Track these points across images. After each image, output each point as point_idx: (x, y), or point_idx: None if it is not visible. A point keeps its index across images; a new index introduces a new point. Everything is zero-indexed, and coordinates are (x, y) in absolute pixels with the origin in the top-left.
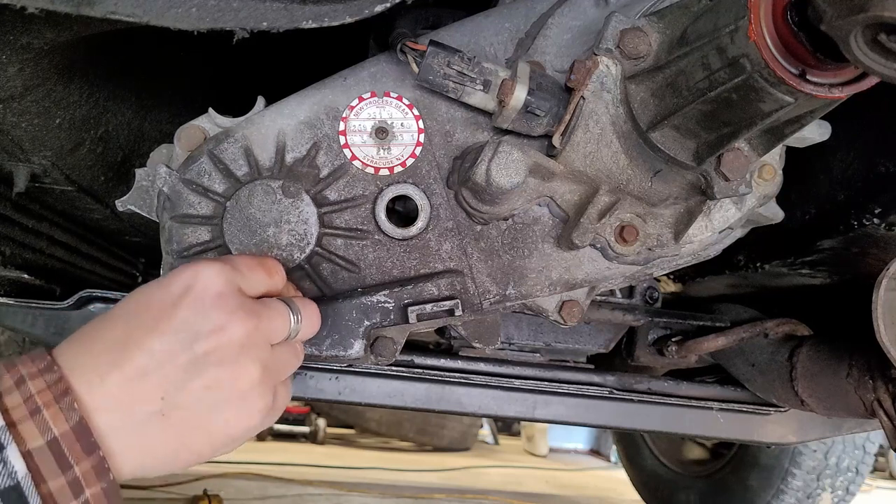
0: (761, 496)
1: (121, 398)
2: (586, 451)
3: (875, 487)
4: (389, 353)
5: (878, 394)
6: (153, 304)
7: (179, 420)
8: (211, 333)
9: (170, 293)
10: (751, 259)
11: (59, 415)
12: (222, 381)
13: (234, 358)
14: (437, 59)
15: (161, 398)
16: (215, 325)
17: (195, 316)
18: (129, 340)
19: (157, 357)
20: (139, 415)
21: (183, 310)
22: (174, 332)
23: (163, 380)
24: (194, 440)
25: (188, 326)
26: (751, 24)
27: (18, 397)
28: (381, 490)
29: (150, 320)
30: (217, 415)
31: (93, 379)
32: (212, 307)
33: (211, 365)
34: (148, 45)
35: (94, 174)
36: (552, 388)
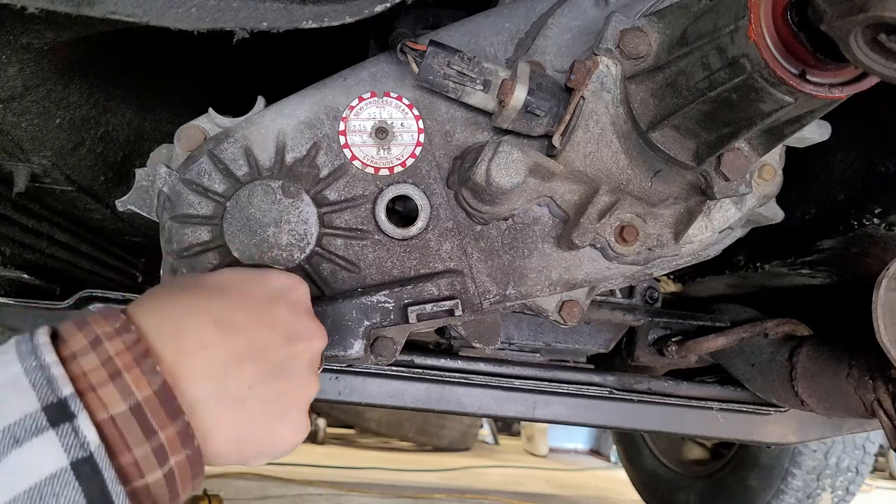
0: (761, 496)
1: (218, 373)
2: (586, 451)
3: (875, 487)
4: (389, 353)
5: (878, 394)
6: (253, 294)
7: (254, 413)
8: (303, 339)
9: (268, 291)
10: (751, 259)
11: (141, 378)
12: (297, 389)
13: (311, 369)
14: (437, 59)
15: (248, 387)
16: (308, 333)
17: (293, 319)
18: (234, 322)
19: (257, 346)
20: (226, 394)
21: (283, 309)
22: (273, 327)
23: (256, 369)
24: (259, 437)
25: (285, 326)
26: (751, 24)
27: (94, 360)
28: (381, 490)
29: (251, 309)
30: (282, 419)
31: (193, 348)
32: (306, 316)
33: (295, 369)
34: (148, 45)
35: (94, 174)
36: (552, 388)
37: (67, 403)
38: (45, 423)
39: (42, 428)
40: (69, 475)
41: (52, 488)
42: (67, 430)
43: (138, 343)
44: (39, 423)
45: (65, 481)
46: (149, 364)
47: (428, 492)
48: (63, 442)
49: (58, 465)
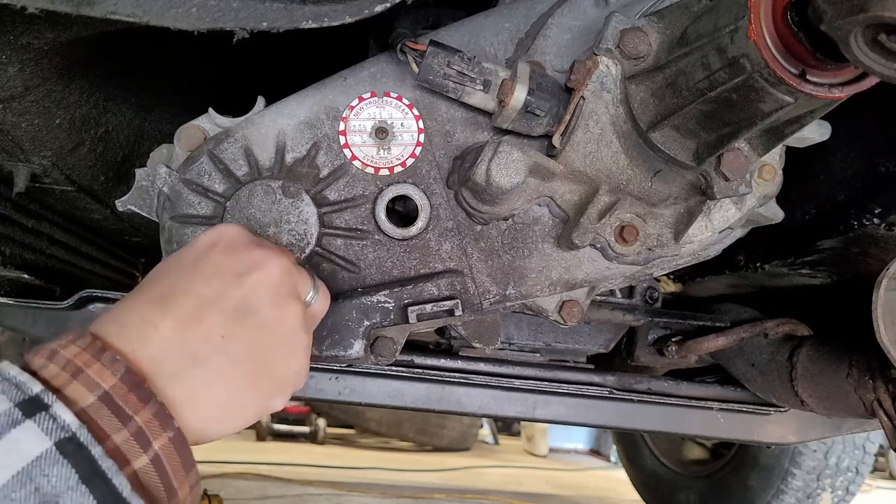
0: (761, 496)
1: (178, 342)
2: (586, 451)
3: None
4: (389, 353)
5: (878, 394)
6: (187, 260)
7: (242, 357)
8: (252, 269)
9: (197, 249)
10: (751, 259)
11: (103, 370)
12: (272, 316)
13: (277, 293)
14: (437, 59)
15: (221, 336)
16: (253, 262)
17: (230, 259)
18: (174, 290)
19: (207, 298)
20: (201, 356)
21: (217, 256)
22: (217, 274)
23: (219, 318)
24: (260, 380)
25: (227, 269)
26: (751, 24)
27: (55, 368)
28: (381, 490)
29: (189, 272)
30: (274, 353)
31: (145, 331)
32: (245, 247)
33: (259, 301)
34: (148, 45)
35: (94, 174)
36: (552, 388)
37: (39, 397)
38: (21, 416)
39: (18, 420)
40: (55, 454)
41: (41, 469)
42: (44, 417)
43: (94, 342)
44: (15, 416)
45: (52, 460)
46: (108, 356)
47: (428, 492)
48: (42, 427)
49: (42, 446)
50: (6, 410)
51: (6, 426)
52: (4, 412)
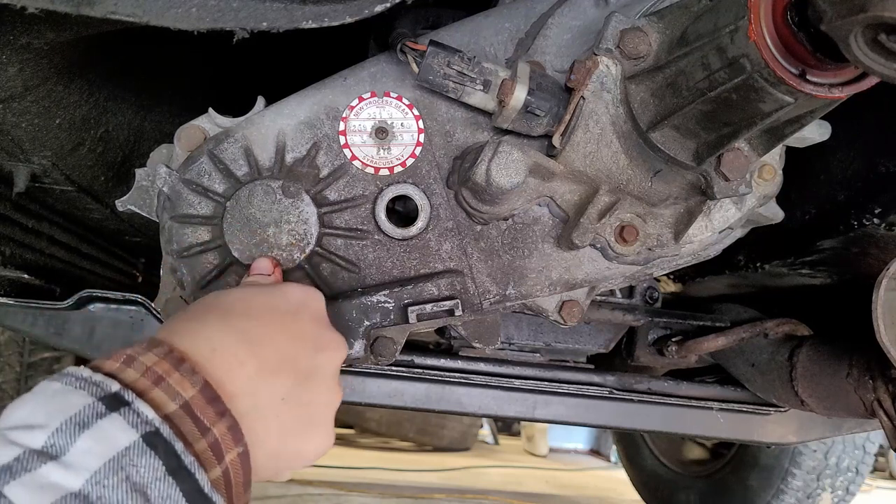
0: (761, 496)
1: (256, 387)
2: (586, 451)
3: (875, 487)
4: (389, 353)
5: (878, 394)
6: (277, 307)
7: (288, 423)
8: (328, 349)
9: (289, 303)
10: (751, 259)
11: (183, 380)
12: (325, 397)
13: (335, 379)
14: (437, 59)
15: (281, 399)
16: (330, 343)
17: (316, 329)
18: (264, 336)
19: (287, 357)
20: (263, 406)
21: (306, 322)
22: (301, 339)
23: (288, 379)
24: (292, 447)
25: (311, 337)
26: (751, 24)
27: (134, 373)
28: (381, 490)
29: (278, 322)
30: (313, 428)
31: (231, 363)
32: (327, 326)
33: (321, 379)
34: (148, 45)
35: (94, 174)
36: (552, 388)
37: (121, 394)
38: (105, 409)
39: (104, 413)
40: (143, 446)
41: (130, 459)
42: (128, 411)
43: (172, 352)
44: (100, 409)
45: (140, 451)
46: (187, 367)
47: (428, 492)
48: (128, 420)
49: (130, 438)
50: (90, 403)
51: (92, 416)
52: (88, 405)
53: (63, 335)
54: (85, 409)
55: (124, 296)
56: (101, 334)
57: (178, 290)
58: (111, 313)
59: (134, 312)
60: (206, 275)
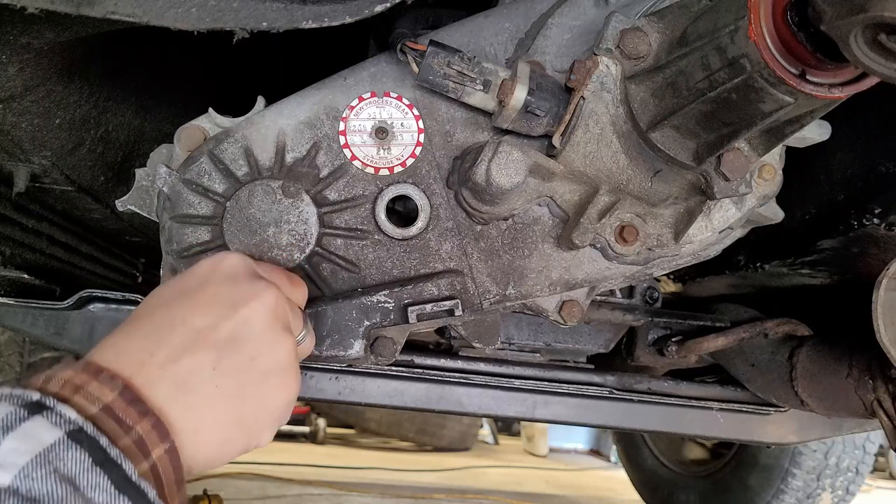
0: (761, 496)
1: (174, 372)
2: (586, 451)
3: (875, 487)
4: (389, 353)
5: (878, 394)
6: (185, 288)
7: (232, 389)
8: (247, 301)
9: (196, 277)
10: (751, 259)
11: (102, 387)
12: (264, 348)
13: (271, 326)
14: (437, 59)
15: (212, 368)
16: (249, 293)
17: (227, 289)
18: (171, 320)
19: (202, 330)
20: (193, 385)
21: (214, 286)
22: (212, 305)
23: (210, 349)
24: (248, 412)
25: (223, 299)
26: (751, 24)
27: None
28: (381, 490)
29: (186, 301)
30: (266, 384)
31: (140, 358)
32: (244, 279)
33: (253, 333)
34: (148, 45)
35: (94, 174)
36: (552, 388)
37: (42, 401)
38: (27, 414)
39: (26, 416)
40: (68, 441)
41: (57, 453)
42: (50, 413)
43: (89, 365)
44: (21, 414)
45: (66, 446)
46: (105, 376)
47: (428, 492)
48: (51, 420)
49: (55, 435)
50: (12, 411)
51: (16, 421)
52: (10, 412)
53: (63, 335)
54: (8, 415)
55: (124, 296)
56: (101, 334)
57: None
58: (111, 313)
59: None
60: None
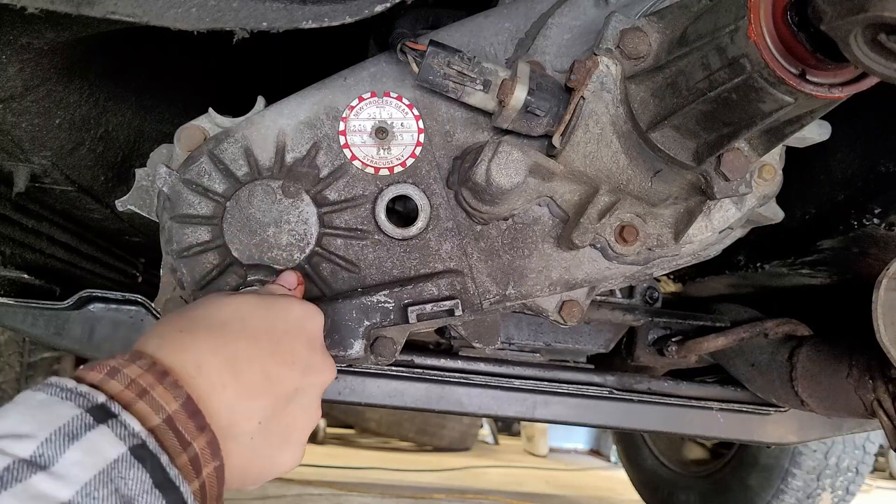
0: (761, 496)
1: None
2: (586, 451)
3: (875, 487)
4: (389, 353)
5: (878, 394)
6: (271, 329)
7: (260, 445)
8: (315, 374)
9: (286, 322)
10: (751, 259)
11: (167, 393)
12: (302, 419)
13: (317, 404)
14: (437, 59)
15: (259, 422)
16: (320, 367)
17: (307, 353)
18: (252, 359)
19: (271, 381)
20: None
21: (299, 344)
22: (289, 362)
23: (267, 404)
24: (262, 464)
25: (301, 360)
26: (751, 24)
27: (118, 385)
28: (381, 490)
29: (270, 344)
30: (285, 447)
31: (214, 384)
32: (320, 349)
33: (303, 404)
34: (148, 45)
35: (94, 174)
36: (552, 388)
37: (107, 406)
38: (93, 421)
39: (92, 425)
40: (131, 458)
41: (119, 471)
42: (115, 423)
43: (155, 365)
44: (88, 421)
45: (129, 464)
46: (170, 381)
47: (428, 492)
48: (116, 432)
49: (118, 451)
50: (77, 415)
51: (81, 428)
52: (76, 416)
53: (63, 335)
54: (73, 420)
55: (124, 296)
56: (101, 334)
57: (178, 290)
58: (111, 313)
59: (134, 312)
60: (206, 275)
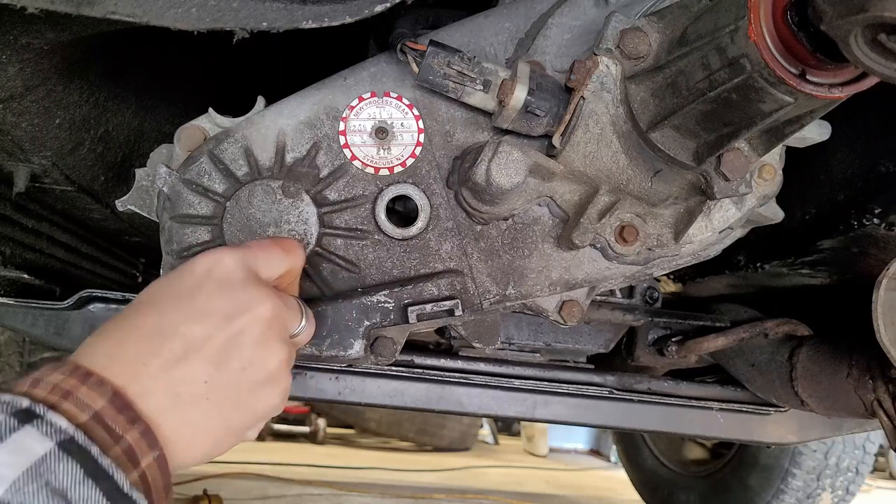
0: (761, 496)
1: (166, 383)
2: (586, 451)
3: (875, 487)
4: (389, 353)
5: (878, 394)
6: (180, 291)
7: (223, 400)
8: (241, 313)
9: (194, 278)
10: (751, 259)
11: (92, 392)
12: (257, 360)
13: (265, 337)
14: (437, 59)
15: (204, 381)
16: (244, 304)
17: (223, 298)
18: (165, 328)
19: (195, 341)
20: (185, 397)
21: (210, 294)
22: (207, 315)
23: (204, 362)
24: (236, 419)
25: (219, 308)
26: (751, 24)
27: (42, 391)
28: (381, 490)
29: (180, 307)
30: (253, 393)
31: (133, 366)
32: (238, 288)
33: (246, 345)
34: (148, 45)
35: (94, 174)
36: (552, 388)
37: (31, 408)
38: (18, 424)
39: (16, 427)
40: (59, 452)
41: (48, 465)
42: (41, 423)
43: (77, 369)
44: (11, 424)
45: (57, 458)
46: (94, 380)
47: (428, 492)
48: (42, 430)
49: (45, 447)
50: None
51: (6, 431)
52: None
53: (63, 335)
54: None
55: (124, 296)
56: None
57: None
58: (111, 313)
59: None
60: None
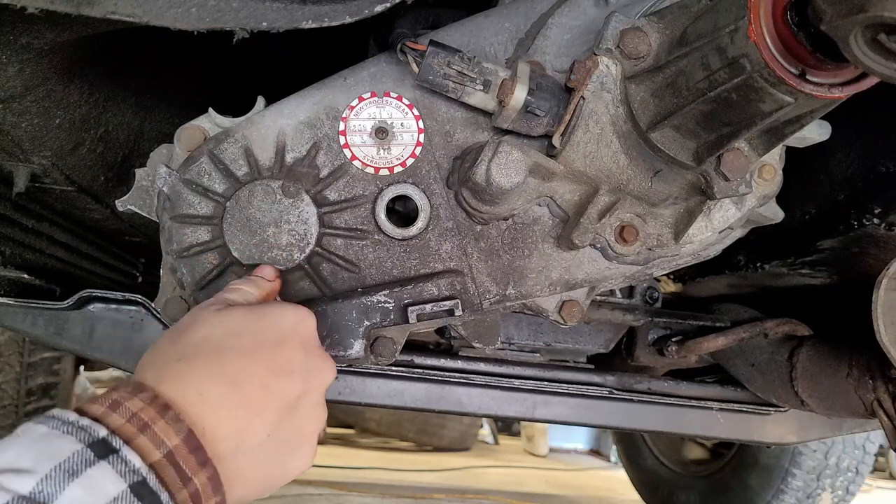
0: (761, 496)
1: (238, 429)
2: (586, 451)
3: (875, 487)
4: (389, 353)
5: (878, 394)
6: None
7: (271, 454)
8: (315, 376)
9: (280, 330)
10: (751, 259)
11: (168, 428)
12: (310, 420)
13: (321, 399)
14: (437, 59)
15: (268, 434)
16: (317, 367)
17: (305, 358)
18: (251, 375)
19: (273, 395)
20: (247, 445)
21: (295, 350)
22: (289, 371)
23: (274, 416)
24: (275, 473)
25: (299, 366)
26: (751, 24)
27: (119, 418)
28: (381, 490)
29: (265, 356)
30: (296, 451)
31: (219, 410)
32: (317, 350)
33: (308, 405)
34: (148, 45)
35: (94, 174)
36: (552, 388)
37: (108, 440)
38: (94, 458)
39: (93, 461)
40: (131, 496)
41: None
42: (116, 459)
43: (157, 398)
44: (89, 457)
45: (128, 502)
46: (172, 415)
47: (428, 492)
48: (117, 469)
49: (118, 488)
50: (79, 450)
51: (81, 464)
52: (77, 451)
53: (63, 335)
54: (74, 455)
55: (124, 296)
56: (101, 334)
57: (178, 290)
58: (111, 313)
59: (134, 312)
60: (206, 275)
